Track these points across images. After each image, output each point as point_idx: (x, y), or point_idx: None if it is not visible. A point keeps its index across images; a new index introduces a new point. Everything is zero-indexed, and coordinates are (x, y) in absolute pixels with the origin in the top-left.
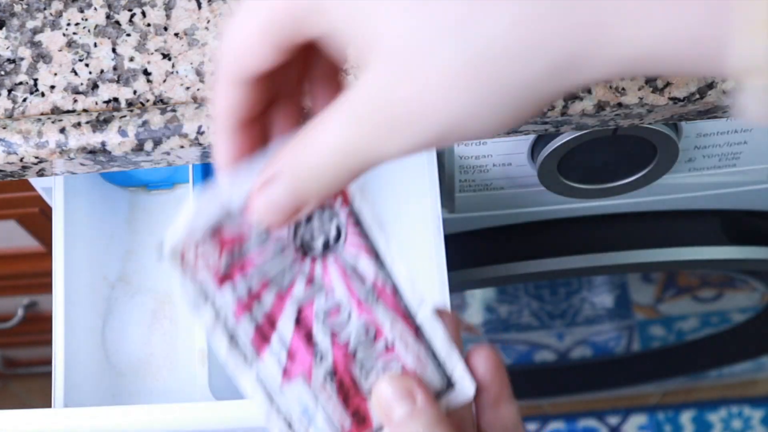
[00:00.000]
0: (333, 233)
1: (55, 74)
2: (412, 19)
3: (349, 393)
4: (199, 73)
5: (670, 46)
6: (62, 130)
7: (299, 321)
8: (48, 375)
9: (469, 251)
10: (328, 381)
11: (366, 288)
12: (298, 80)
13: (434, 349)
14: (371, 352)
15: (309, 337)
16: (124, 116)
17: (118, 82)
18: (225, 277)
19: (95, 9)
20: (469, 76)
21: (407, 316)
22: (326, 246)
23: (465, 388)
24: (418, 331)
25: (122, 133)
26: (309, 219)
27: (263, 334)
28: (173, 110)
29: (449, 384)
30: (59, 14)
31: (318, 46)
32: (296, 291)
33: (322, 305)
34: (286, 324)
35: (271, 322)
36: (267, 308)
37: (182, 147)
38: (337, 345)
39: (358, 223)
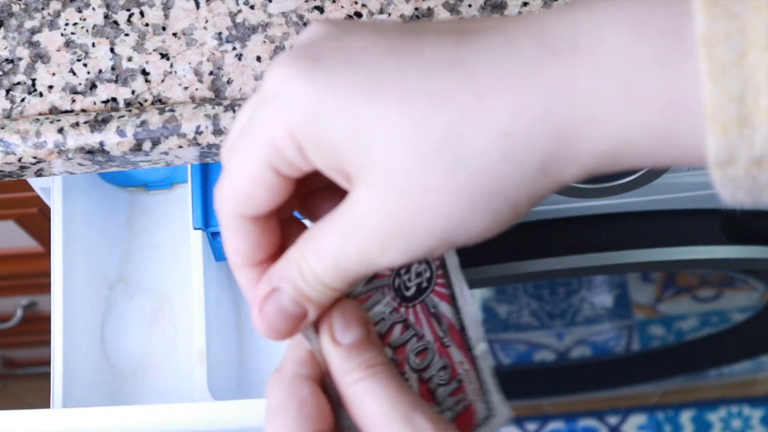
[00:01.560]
0: (425, 279)
1: (54, 74)
2: (403, 143)
3: None
4: (197, 73)
5: (637, 142)
6: (60, 130)
7: (394, 361)
8: (47, 375)
9: (468, 251)
10: None
11: (443, 328)
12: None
13: (483, 382)
14: (448, 389)
15: (402, 375)
16: (123, 116)
17: (116, 82)
18: None
19: (93, 9)
20: (463, 191)
21: (468, 351)
22: (420, 291)
23: (504, 415)
24: (474, 365)
25: (120, 133)
26: (408, 267)
27: None
28: (172, 110)
29: (489, 413)
30: (57, 14)
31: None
32: (394, 336)
33: (414, 346)
34: None
35: None
36: None
37: (181, 147)
38: (422, 383)
39: (443, 266)
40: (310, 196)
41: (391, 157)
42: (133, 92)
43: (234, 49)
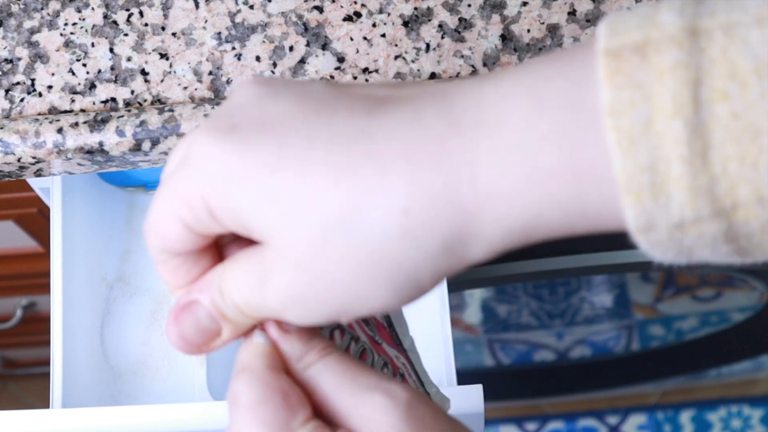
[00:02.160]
0: None
1: (53, 74)
2: (304, 214)
3: None
4: (196, 73)
5: (547, 216)
6: (60, 130)
7: None
8: (46, 376)
9: None
10: None
11: (371, 327)
12: None
13: (418, 373)
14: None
15: None
16: (122, 116)
17: (115, 82)
18: None
19: (92, 9)
20: (362, 264)
21: (398, 346)
22: None
23: (446, 404)
24: (407, 358)
25: (120, 132)
26: None
27: None
28: (171, 110)
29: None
30: (56, 14)
31: None
32: (336, 342)
33: (354, 349)
34: None
35: None
36: None
37: None
38: None
39: None
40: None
41: (293, 226)
42: (132, 92)
43: (233, 49)
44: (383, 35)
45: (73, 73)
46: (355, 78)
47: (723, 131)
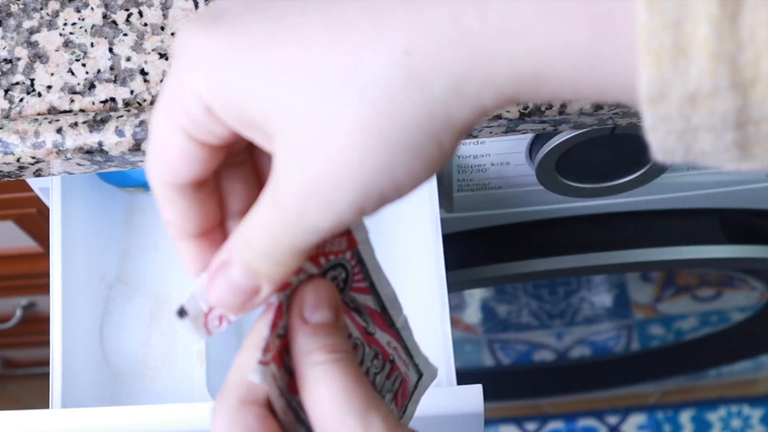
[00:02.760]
0: (341, 281)
1: (52, 74)
2: (304, 84)
3: None
4: None
5: (559, 63)
6: (59, 130)
7: None
8: (46, 376)
9: (468, 251)
10: None
11: (365, 318)
12: (241, 150)
13: (408, 348)
14: (384, 374)
15: None
16: (121, 116)
17: (115, 81)
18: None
19: (92, 9)
20: (372, 126)
21: (391, 327)
22: (339, 288)
23: (431, 372)
24: (399, 338)
25: (119, 132)
26: (324, 274)
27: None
28: None
29: (419, 375)
30: (56, 14)
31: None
32: None
33: None
34: None
35: None
36: None
37: None
38: None
39: (359, 261)
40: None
41: (294, 102)
42: (131, 92)
43: None
44: None
45: (73, 73)
46: None
47: None
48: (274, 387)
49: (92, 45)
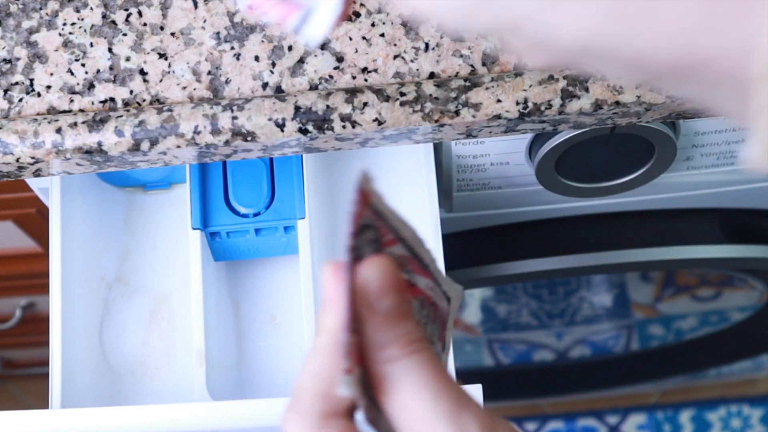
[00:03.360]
0: (373, 239)
1: (51, 74)
2: None
3: None
4: (195, 73)
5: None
6: (58, 130)
7: None
8: (46, 376)
9: (467, 250)
10: None
11: (406, 269)
12: None
13: (436, 278)
14: (431, 321)
15: None
16: (121, 116)
17: (114, 81)
18: None
19: (91, 9)
20: None
21: (425, 268)
22: (376, 251)
23: (457, 293)
24: (430, 273)
25: (118, 132)
26: (358, 238)
27: None
28: (169, 110)
29: (449, 300)
30: (55, 14)
31: None
32: None
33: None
34: None
35: None
36: None
37: (179, 147)
38: None
39: (378, 214)
40: None
41: None
42: (131, 92)
43: (232, 48)
44: (382, 35)
45: (72, 73)
46: (354, 78)
47: None
48: (360, 392)
49: (91, 45)
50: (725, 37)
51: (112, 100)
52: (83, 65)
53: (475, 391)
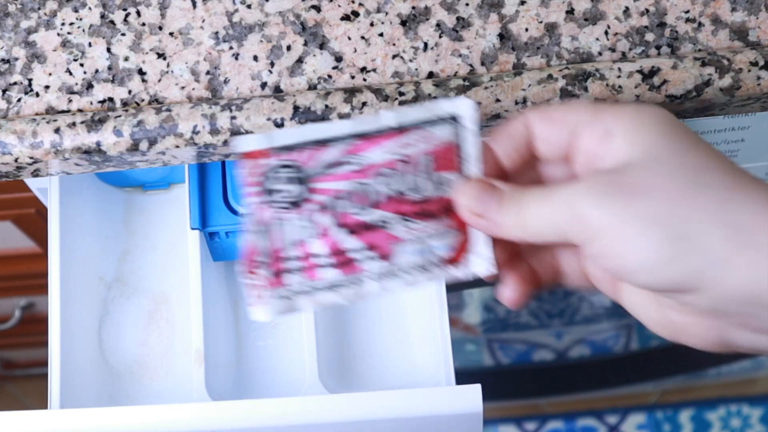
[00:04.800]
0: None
1: (50, 74)
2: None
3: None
4: (194, 73)
5: None
6: (57, 130)
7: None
8: (45, 377)
9: None
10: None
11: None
12: None
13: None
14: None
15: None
16: (119, 116)
17: (113, 81)
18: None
19: (90, 8)
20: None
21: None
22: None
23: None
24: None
25: (117, 132)
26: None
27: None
28: (168, 110)
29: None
30: (54, 14)
31: None
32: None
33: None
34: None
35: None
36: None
37: (177, 147)
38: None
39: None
40: None
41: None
42: (129, 92)
43: (231, 48)
44: (381, 34)
45: (71, 73)
46: (352, 78)
47: None
48: None
49: (90, 45)
50: None
51: (111, 100)
52: (82, 65)
53: (475, 391)
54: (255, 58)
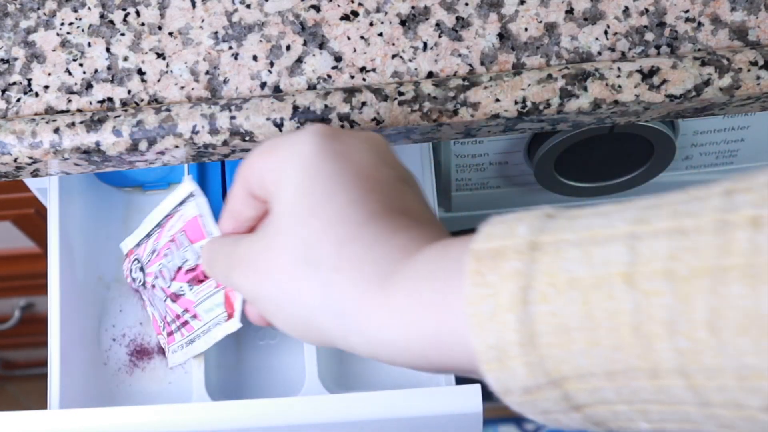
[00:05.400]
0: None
1: (49, 74)
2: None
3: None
4: (193, 73)
5: (425, 357)
6: (56, 130)
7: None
8: (44, 377)
9: None
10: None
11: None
12: None
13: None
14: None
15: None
16: (119, 116)
17: (112, 81)
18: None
19: (89, 8)
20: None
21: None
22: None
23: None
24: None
25: (116, 132)
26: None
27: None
28: (168, 110)
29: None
30: (53, 14)
31: None
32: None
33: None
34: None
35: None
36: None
37: (177, 147)
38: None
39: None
40: None
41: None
42: (129, 92)
43: (230, 48)
44: (380, 34)
45: (70, 73)
46: (352, 77)
47: (545, 324)
48: None
49: (89, 45)
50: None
51: (110, 100)
52: (81, 65)
53: (475, 391)
54: (254, 58)
